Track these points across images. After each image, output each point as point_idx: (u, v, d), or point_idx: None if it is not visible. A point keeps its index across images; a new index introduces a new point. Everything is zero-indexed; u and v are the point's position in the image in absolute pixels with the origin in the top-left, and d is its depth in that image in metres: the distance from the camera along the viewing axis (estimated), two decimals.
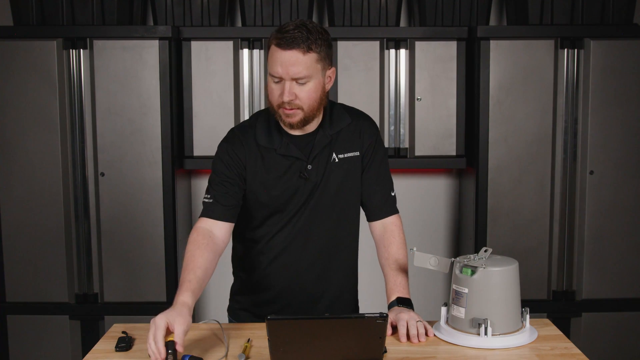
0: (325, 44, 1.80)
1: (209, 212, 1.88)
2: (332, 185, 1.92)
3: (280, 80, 1.78)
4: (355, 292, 2.15)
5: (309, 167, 1.89)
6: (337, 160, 1.92)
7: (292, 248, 1.95)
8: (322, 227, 1.94)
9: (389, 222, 2.02)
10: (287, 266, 1.96)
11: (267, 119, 1.93)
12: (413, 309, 1.89)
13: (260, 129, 1.91)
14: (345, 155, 1.93)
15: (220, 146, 1.94)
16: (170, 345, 1.56)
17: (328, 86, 1.87)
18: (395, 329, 1.82)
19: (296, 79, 1.77)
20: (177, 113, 3.07)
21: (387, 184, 2.02)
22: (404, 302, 1.91)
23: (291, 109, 1.80)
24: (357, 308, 2.17)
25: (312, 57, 1.76)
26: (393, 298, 1.93)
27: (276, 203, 1.91)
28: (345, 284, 2.06)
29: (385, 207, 2.02)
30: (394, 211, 2.04)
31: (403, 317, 1.81)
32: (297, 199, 1.91)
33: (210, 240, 1.83)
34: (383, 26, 3.12)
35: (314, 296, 1.99)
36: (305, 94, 1.79)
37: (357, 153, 1.95)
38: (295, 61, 1.75)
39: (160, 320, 1.57)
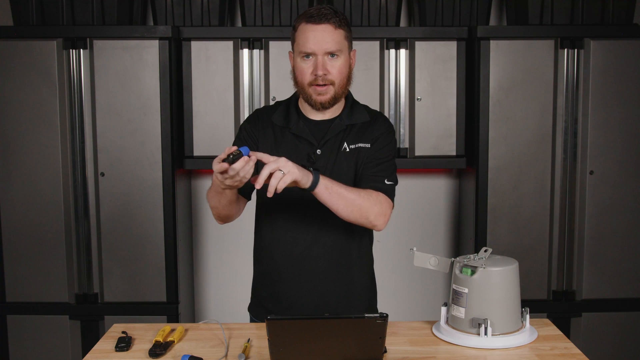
0: (348, 26, 1.89)
1: None
2: (342, 174, 1.91)
3: (312, 57, 1.84)
4: (373, 293, 2.10)
5: (318, 151, 1.91)
6: (347, 149, 1.93)
7: (301, 239, 1.93)
8: (332, 219, 1.91)
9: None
10: (297, 256, 1.94)
11: (289, 103, 1.99)
12: (313, 176, 1.74)
13: (279, 111, 1.98)
14: (357, 145, 1.93)
15: (241, 125, 2.02)
16: (236, 156, 1.61)
17: (352, 66, 1.93)
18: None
19: (329, 52, 1.83)
20: (177, 113, 3.07)
21: (381, 173, 1.92)
22: (316, 171, 1.78)
23: (324, 85, 1.85)
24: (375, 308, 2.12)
25: (341, 33, 1.85)
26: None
27: None
28: (359, 280, 2.03)
29: (370, 184, 1.90)
30: (384, 192, 1.90)
31: (278, 161, 1.67)
32: None
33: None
34: (383, 26, 3.12)
35: (325, 292, 1.97)
36: (337, 69, 1.85)
37: (369, 145, 1.95)
38: (328, 35, 1.82)
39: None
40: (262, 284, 2.04)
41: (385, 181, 1.91)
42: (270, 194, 1.65)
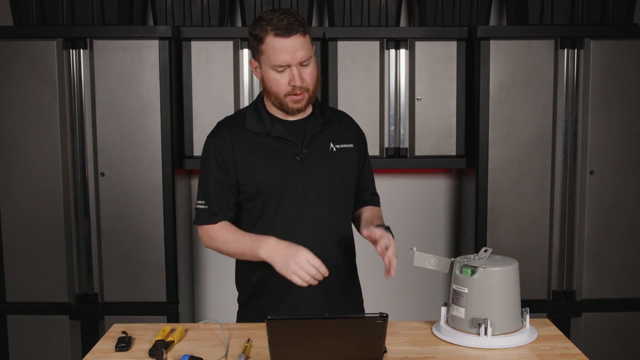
0: (307, 25, 1.89)
1: (207, 219, 1.93)
2: (334, 175, 1.94)
3: (286, 68, 1.83)
4: (358, 283, 2.13)
5: (304, 150, 1.91)
6: (334, 149, 1.96)
7: (294, 241, 1.91)
8: (325, 218, 1.93)
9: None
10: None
11: (256, 107, 1.97)
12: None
13: (250, 117, 1.95)
14: (342, 146, 1.98)
15: (208, 142, 1.96)
16: (161, 344, 1.62)
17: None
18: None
19: (302, 62, 1.83)
20: (177, 113, 3.07)
21: (373, 183, 2.14)
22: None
23: (300, 93, 1.86)
24: (361, 299, 2.14)
25: (308, 38, 1.86)
26: (375, 224, 1.94)
27: (271, 187, 1.90)
28: (351, 274, 2.07)
29: (369, 202, 2.12)
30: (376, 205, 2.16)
31: (392, 244, 1.84)
32: (294, 185, 1.90)
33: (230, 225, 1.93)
34: (383, 26, 3.12)
35: (320, 291, 1.95)
36: (309, 75, 1.86)
37: (352, 145, 2.01)
38: (300, 45, 1.81)
39: (304, 253, 1.75)
40: (255, 297, 2.00)
41: (375, 191, 2.15)
42: (394, 271, 1.80)
